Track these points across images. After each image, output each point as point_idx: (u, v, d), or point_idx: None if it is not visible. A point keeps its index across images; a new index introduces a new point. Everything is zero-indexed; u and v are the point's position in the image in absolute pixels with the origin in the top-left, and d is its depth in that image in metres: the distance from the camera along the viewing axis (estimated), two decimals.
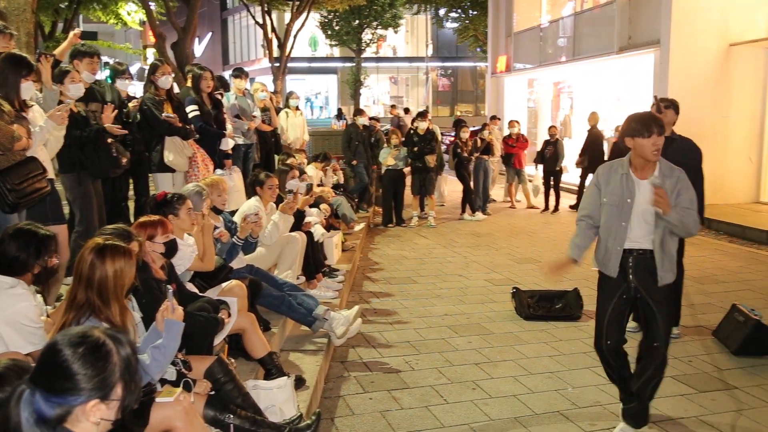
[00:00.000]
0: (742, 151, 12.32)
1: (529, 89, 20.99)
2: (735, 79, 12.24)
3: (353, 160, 11.82)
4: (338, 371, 5.00)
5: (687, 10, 12.08)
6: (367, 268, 8.37)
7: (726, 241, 10.02)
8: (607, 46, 14.79)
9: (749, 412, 4.31)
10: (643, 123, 3.64)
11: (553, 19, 18.76)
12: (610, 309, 3.88)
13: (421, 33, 44.10)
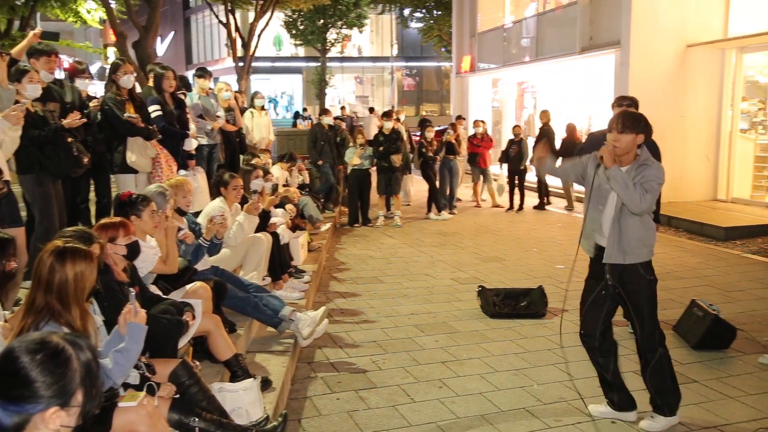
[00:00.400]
0: (699, 150, 12.59)
1: (493, 89, 21.16)
2: (692, 80, 12.51)
3: (319, 160, 11.79)
4: (305, 372, 4.98)
5: (645, 12, 12.31)
6: (333, 268, 8.36)
7: (685, 238, 10.23)
8: (570, 47, 14.99)
9: (708, 404, 4.41)
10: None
11: (516, 20, 18.93)
12: (588, 302, 4.08)
13: (386, 33, 44.19)
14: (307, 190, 10.55)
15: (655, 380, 3.99)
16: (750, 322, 6.05)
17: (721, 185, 12.66)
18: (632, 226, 3.86)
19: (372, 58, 45.79)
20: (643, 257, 3.91)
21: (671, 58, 12.44)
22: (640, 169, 3.81)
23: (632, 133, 3.77)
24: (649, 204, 3.76)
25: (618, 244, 3.87)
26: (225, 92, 8.72)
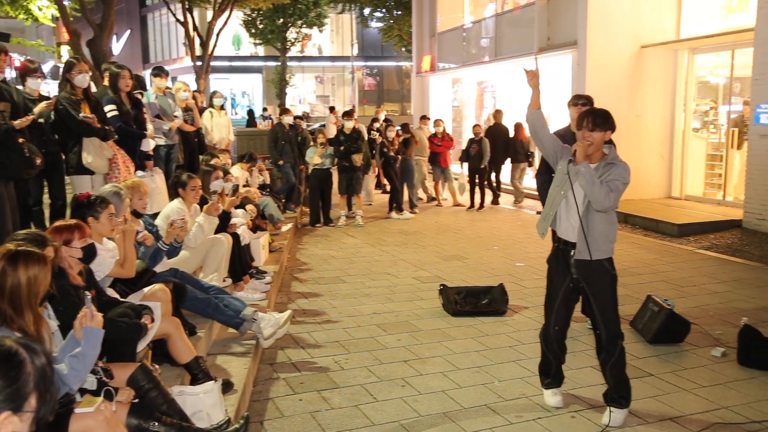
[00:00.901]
0: (654, 149, 12.86)
1: (453, 88, 21.30)
2: (646, 80, 12.77)
3: (280, 159, 11.72)
4: (267, 373, 4.95)
5: (601, 13, 12.52)
6: (295, 269, 8.32)
7: (641, 235, 10.44)
8: (528, 47, 15.16)
9: (664, 397, 4.51)
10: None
11: (475, 20, 19.09)
12: (559, 297, 4.15)
13: (346, 32, 44.12)
14: (268, 190, 10.48)
15: (615, 373, 4.08)
16: (703, 316, 6.21)
17: (675, 183, 12.95)
18: (598, 223, 3.96)
19: (332, 58, 45.69)
20: (608, 253, 4.03)
21: (626, 59, 12.68)
22: (607, 167, 3.93)
23: (602, 130, 3.89)
24: (612, 202, 3.87)
25: (585, 240, 3.96)
26: (183, 92, 8.61)
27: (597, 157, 3.96)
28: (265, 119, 24.44)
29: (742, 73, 11.44)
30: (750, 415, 4.22)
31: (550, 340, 4.26)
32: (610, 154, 3.99)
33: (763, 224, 9.96)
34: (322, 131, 11.58)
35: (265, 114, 30.78)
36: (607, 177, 3.87)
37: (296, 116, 12.89)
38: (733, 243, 9.58)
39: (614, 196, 3.84)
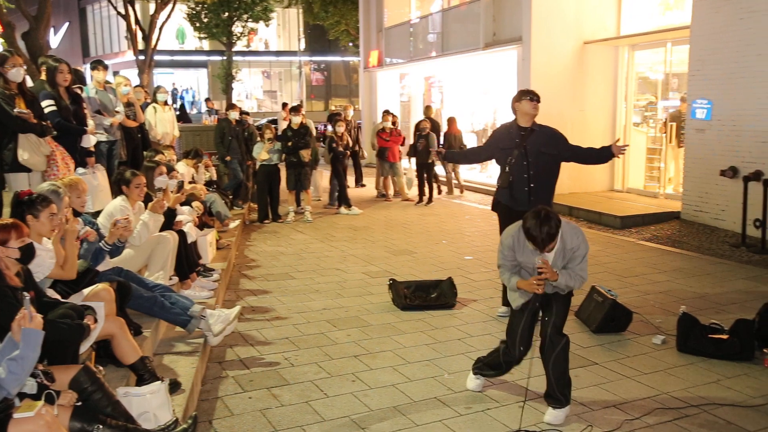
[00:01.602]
0: (597, 143, 12.91)
1: (401, 83, 21.36)
2: (589, 75, 13.05)
3: (227, 155, 11.56)
4: (216, 372, 4.89)
5: (545, 10, 12.73)
6: (243, 266, 8.23)
7: (585, 227, 10.68)
8: (474, 42, 15.31)
9: (608, 384, 4.63)
10: None
11: (422, 15, 19.17)
12: (522, 323, 4.16)
13: (293, 27, 43.71)
14: (215, 186, 10.33)
15: (557, 368, 4.10)
16: (644, 305, 6.39)
17: (617, 176, 13.27)
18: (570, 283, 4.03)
19: (279, 53, 45.25)
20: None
21: (570, 55, 12.93)
22: (567, 252, 3.99)
23: (557, 235, 3.86)
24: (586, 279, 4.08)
25: (566, 280, 4.02)
26: (124, 86, 8.41)
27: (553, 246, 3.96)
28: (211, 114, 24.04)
29: (680, 69, 11.80)
30: (688, 400, 4.37)
31: (515, 359, 4.26)
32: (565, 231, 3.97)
33: (700, 215, 10.31)
34: (269, 126, 11.46)
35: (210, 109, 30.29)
36: (573, 263, 3.99)
37: (242, 111, 12.74)
38: (672, 234, 9.89)
39: (585, 275, 4.04)
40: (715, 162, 9.85)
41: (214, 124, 14.67)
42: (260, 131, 11.86)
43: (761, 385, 4.61)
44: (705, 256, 8.54)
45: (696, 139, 10.40)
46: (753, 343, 5.06)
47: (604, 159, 5.91)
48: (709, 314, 5.93)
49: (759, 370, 4.86)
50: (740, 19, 9.48)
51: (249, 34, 34.53)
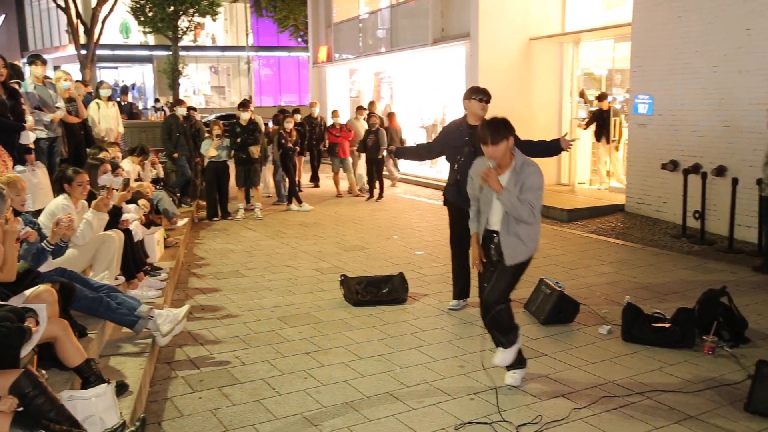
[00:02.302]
0: (543, 138, 13.33)
1: (350, 79, 21.32)
2: (536, 71, 13.26)
3: (174, 152, 11.36)
4: (164, 373, 4.81)
5: (491, 6, 12.88)
6: (192, 264, 8.11)
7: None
8: (423, 38, 15.38)
9: (556, 375, 4.73)
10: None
11: (371, 11, 19.16)
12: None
13: (240, 21, 43.17)
14: (162, 184, 10.14)
15: (496, 324, 4.40)
16: (591, 296, 6.54)
17: (564, 171, 13.53)
18: (523, 227, 4.22)
19: (227, 48, 44.59)
20: (534, 249, 4.35)
21: (517, 51, 13.11)
22: (519, 176, 4.14)
23: (504, 140, 4.08)
24: (537, 215, 4.17)
25: (515, 247, 4.24)
26: (64, 81, 8.19)
27: (507, 163, 4.17)
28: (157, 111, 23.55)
29: (623, 65, 12.08)
30: (633, 387, 4.49)
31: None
32: (518, 158, 4.19)
33: (642, 208, 10.59)
34: (216, 123, 11.29)
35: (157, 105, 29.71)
36: (521, 188, 4.10)
37: (190, 107, 12.53)
38: (616, 226, 10.13)
39: (537, 211, 4.15)
40: (657, 156, 10.13)
41: (161, 121, 14.40)
42: (208, 127, 11.69)
43: (701, 371, 4.76)
44: (648, 248, 8.78)
45: (638, 133, 10.67)
46: (693, 331, 5.22)
47: (553, 152, 6.03)
48: (652, 304, 6.10)
49: (699, 356, 5.02)
50: (678, 17, 9.76)
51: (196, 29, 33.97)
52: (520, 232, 4.22)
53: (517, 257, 4.27)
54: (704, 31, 9.35)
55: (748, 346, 5.18)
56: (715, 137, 9.14)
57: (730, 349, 5.11)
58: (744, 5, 8.77)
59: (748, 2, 8.73)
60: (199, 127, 12.19)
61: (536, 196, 4.15)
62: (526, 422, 3.99)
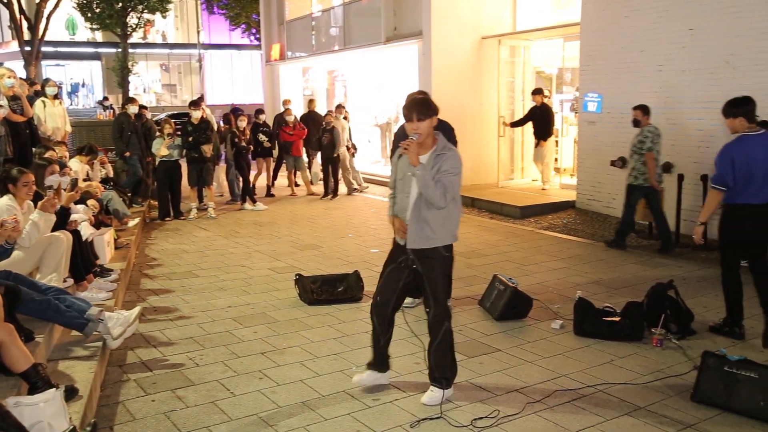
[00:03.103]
0: (496, 137, 13.53)
1: (304, 77, 21.21)
2: (488, 70, 13.39)
3: (126, 151, 11.13)
4: (116, 376, 4.71)
5: (444, 5, 12.95)
6: (144, 265, 7.96)
7: (487, 218, 10.98)
8: (375, 37, 15.40)
9: (510, 370, 4.79)
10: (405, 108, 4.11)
11: (324, 9, 19.09)
12: (388, 270, 4.30)
13: (191, 18, 42.52)
14: (112, 183, 9.93)
15: (439, 354, 4.23)
16: (544, 291, 6.65)
17: (517, 168, 13.71)
18: (433, 214, 4.08)
19: (178, 45, 43.87)
20: (445, 241, 4.15)
21: (469, 49, 13.22)
22: (438, 158, 4.07)
23: (428, 118, 4.05)
24: (448, 200, 4.03)
25: (420, 231, 4.10)
26: (7, 79, 7.94)
27: (428, 144, 4.12)
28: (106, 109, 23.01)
29: (573, 64, 12.30)
30: (585, 380, 4.58)
31: (372, 310, 4.37)
32: (440, 142, 4.14)
33: (593, 204, 10.81)
34: (168, 121, 11.11)
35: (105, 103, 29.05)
36: (438, 170, 4.01)
37: (141, 105, 12.29)
38: (568, 223, 10.32)
39: (450, 195, 4.02)
40: (606, 153, 10.33)
41: (110, 120, 14.09)
42: (159, 126, 11.50)
43: (649, 363, 4.89)
44: (598, 243, 8.96)
45: (588, 131, 10.88)
46: (642, 324, 5.36)
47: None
48: (603, 298, 6.24)
49: (648, 349, 5.16)
50: (624, 17, 9.99)
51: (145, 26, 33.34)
52: (429, 218, 4.06)
53: (421, 243, 4.10)
54: (650, 31, 9.59)
55: (695, 338, 5.34)
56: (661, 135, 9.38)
57: (677, 341, 5.26)
58: (686, 6, 9.03)
59: (690, 3, 8.98)
60: (150, 125, 11.97)
61: (451, 180, 4.01)
62: (482, 416, 4.04)
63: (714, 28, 8.69)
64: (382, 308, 4.32)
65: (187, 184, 11.16)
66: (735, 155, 5.23)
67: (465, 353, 5.07)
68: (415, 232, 4.10)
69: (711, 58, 8.76)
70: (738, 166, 5.19)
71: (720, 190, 5.29)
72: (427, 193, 3.99)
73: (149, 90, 43.20)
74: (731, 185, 5.22)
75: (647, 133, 8.28)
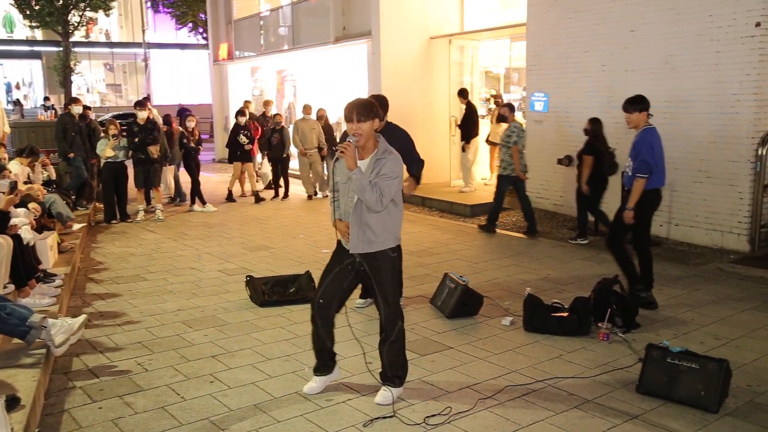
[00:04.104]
0: (445, 135, 13.65)
1: (253, 77, 21.00)
2: (436, 70, 13.51)
3: (70, 152, 10.84)
4: (61, 384, 4.59)
5: (392, 5, 13.01)
6: (90, 269, 7.77)
7: (438, 217, 11.07)
8: (324, 36, 15.35)
9: (461, 367, 4.85)
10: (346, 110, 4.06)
11: (272, 8, 18.94)
12: (333, 272, 4.25)
13: (136, 17, 41.63)
14: (54, 186, 9.67)
15: (392, 354, 4.24)
16: (494, 289, 6.74)
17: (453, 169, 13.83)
18: (373, 217, 4.07)
19: (122, 44, 42.90)
20: (387, 244, 4.14)
21: (418, 49, 13.31)
22: (378, 163, 4.04)
23: (369, 119, 4.00)
24: (385, 204, 4.00)
25: (363, 235, 4.08)
26: None
27: (370, 146, 4.08)
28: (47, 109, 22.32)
29: (519, 63, 12.49)
30: (535, 375, 4.66)
31: (314, 312, 4.29)
32: (381, 146, 4.11)
33: (542, 202, 11.00)
34: (113, 122, 10.86)
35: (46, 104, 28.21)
36: (377, 174, 3.99)
37: (85, 106, 11.99)
38: (517, 221, 10.47)
39: (386, 199, 3.98)
40: (553, 151, 10.53)
41: (51, 120, 13.70)
42: (104, 127, 11.24)
43: (596, 356, 5.01)
44: (547, 240, 9.13)
45: (535, 129, 11.06)
46: (590, 319, 5.48)
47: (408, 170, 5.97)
48: (552, 294, 6.36)
49: (595, 343, 5.28)
50: (569, 18, 10.20)
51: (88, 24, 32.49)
52: (370, 222, 4.05)
53: (364, 248, 4.08)
54: (593, 32, 9.81)
55: (639, 331, 5.49)
56: (605, 133, 9.59)
57: (622, 334, 5.40)
58: (628, 8, 9.26)
59: (631, 5, 9.22)
60: (94, 126, 11.69)
61: (389, 184, 3.98)
62: (434, 414, 4.07)
63: (654, 29, 8.95)
64: (325, 310, 4.27)
65: (134, 185, 10.94)
66: (654, 144, 5.97)
67: (417, 351, 5.10)
68: (358, 236, 4.07)
69: (652, 58, 9.01)
70: (656, 153, 5.97)
71: (645, 178, 5.93)
72: (363, 197, 3.96)
73: (93, 90, 42.17)
74: (654, 171, 5.90)
75: (513, 128, 9.27)
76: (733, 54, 8.05)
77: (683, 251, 8.41)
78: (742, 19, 7.92)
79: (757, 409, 4.15)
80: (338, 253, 4.30)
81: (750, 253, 8.06)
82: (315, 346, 4.41)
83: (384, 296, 4.18)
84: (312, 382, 4.42)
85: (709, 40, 8.27)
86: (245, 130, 12.60)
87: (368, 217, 4.05)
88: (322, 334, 4.32)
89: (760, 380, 4.56)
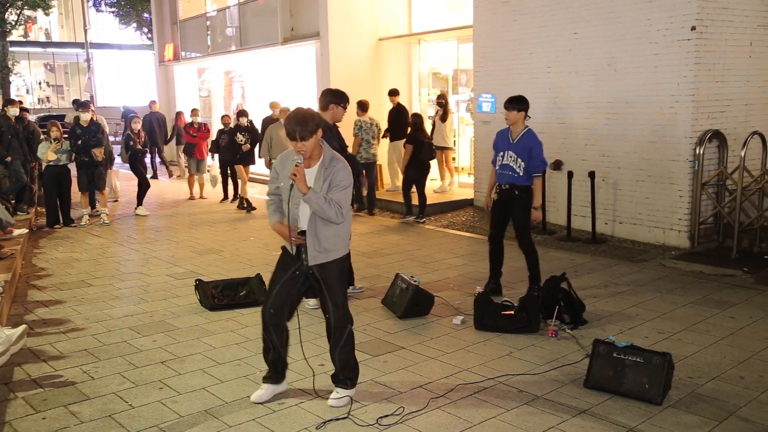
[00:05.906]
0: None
1: (200, 78, 20.71)
2: (385, 70, 13.57)
3: (7, 156, 10.49)
4: (2, 394, 4.44)
5: (341, 6, 13.02)
6: (31, 276, 7.55)
7: (388, 218, 11.10)
8: (272, 37, 15.25)
9: (413, 367, 4.87)
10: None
11: (219, 8, 18.72)
12: (281, 281, 4.19)
13: (78, 16, 40.56)
14: None
15: (343, 356, 4.24)
16: (445, 288, 6.80)
17: None
18: (329, 228, 4.07)
19: (63, 44, 41.75)
20: (342, 252, 4.16)
21: (366, 50, 13.34)
22: (327, 172, 4.03)
23: (313, 134, 3.94)
24: (345, 214, 4.02)
25: (319, 246, 4.07)
26: None
27: (315, 154, 4.05)
28: None
29: (467, 65, 12.63)
30: (486, 373, 4.72)
31: (266, 321, 4.23)
32: (326, 152, 4.08)
33: None
34: (54, 124, 10.56)
35: None
36: (330, 184, 3.98)
37: (23, 108, 11.62)
38: (467, 220, 10.59)
39: (345, 209, 4.01)
40: None
41: None
42: (44, 129, 10.92)
43: (545, 353, 5.10)
44: None
45: (483, 130, 11.20)
46: (539, 316, 5.58)
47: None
48: (502, 293, 6.45)
49: (544, 340, 5.37)
50: (514, 21, 10.36)
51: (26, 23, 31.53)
52: (327, 234, 4.06)
53: (321, 258, 4.08)
54: (538, 34, 9.99)
55: (586, 327, 5.61)
56: (551, 134, 9.77)
57: (570, 331, 5.51)
58: (570, 11, 9.46)
59: (573, 8, 9.42)
60: (32, 129, 11.35)
61: (344, 195, 4.01)
62: (387, 414, 4.09)
63: (596, 32, 9.15)
64: (276, 318, 4.22)
65: (78, 189, 10.66)
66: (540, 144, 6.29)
67: (369, 352, 5.11)
68: (314, 248, 4.06)
69: (594, 60, 9.23)
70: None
71: (541, 175, 6.38)
72: (323, 215, 3.97)
73: (33, 91, 40.95)
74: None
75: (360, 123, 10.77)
76: (671, 56, 8.30)
77: (627, 248, 8.63)
78: (679, 23, 8.18)
79: (698, 400, 4.29)
80: (284, 260, 4.24)
81: (690, 249, 8.34)
82: (267, 356, 4.35)
83: (334, 300, 4.17)
84: (261, 389, 4.36)
85: (648, 43, 8.52)
86: (245, 131, 12.10)
87: (324, 228, 4.06)
88: (275, 342, 4.26)
89: (701, 372, 4.72)
